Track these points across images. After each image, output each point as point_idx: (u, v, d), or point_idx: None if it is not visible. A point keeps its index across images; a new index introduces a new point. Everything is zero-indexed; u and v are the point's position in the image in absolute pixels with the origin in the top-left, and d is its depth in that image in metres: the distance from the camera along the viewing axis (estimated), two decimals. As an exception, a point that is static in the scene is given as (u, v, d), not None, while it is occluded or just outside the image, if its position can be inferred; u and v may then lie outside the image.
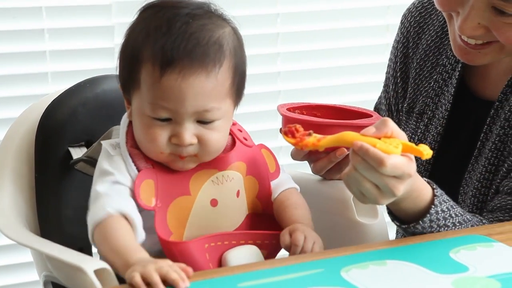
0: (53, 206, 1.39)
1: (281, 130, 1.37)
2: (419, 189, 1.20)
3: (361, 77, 2.60)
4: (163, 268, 1.02)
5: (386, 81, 1.64)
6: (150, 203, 1.16)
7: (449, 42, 1.41)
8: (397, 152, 1.10)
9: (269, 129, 2.35)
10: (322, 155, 1.35)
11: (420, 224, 1.22)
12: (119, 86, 1.22)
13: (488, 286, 1.05)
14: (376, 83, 1.93)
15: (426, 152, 1.12)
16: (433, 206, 1.22)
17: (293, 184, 1.30)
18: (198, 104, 1.14)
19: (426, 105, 1.52)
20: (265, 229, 1.24)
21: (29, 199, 1.39)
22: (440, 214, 1.22)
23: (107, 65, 2.23)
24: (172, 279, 1.01)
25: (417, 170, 1.16)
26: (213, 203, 1.20)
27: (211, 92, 1.14)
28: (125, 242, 1.09)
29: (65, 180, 1.40)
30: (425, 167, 1.48)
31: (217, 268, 1.18)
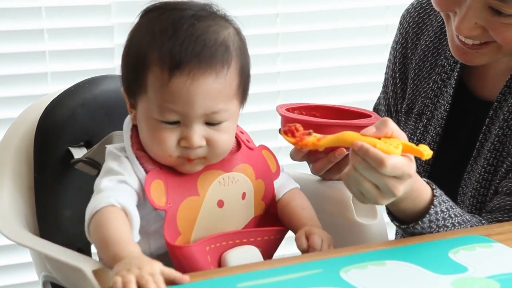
0: (52, 206, 1.39)
1: (280, 130, 1.37)
2: (419, 189, 1.20)
3: (360, 77, 2.60)
4: (143, 278, 0.99)
5: (385, 82, 1.63)
6: (161, 203, 1.15)
7: (447, 42, 1.41)
8: (397, 152, 1.10)
9: (269, 130, 2.35)
10: (321, 155, 1.35)
11: (419, 224, 1.22)
12: (122, 90, 1.20)
13: (487, 286, 1.05)
14: (375, 83, 1.93)
15: (426, 153, 1.11)
16: (432, 206, 1.22)
17: (295, 183, 1.31)
18: (207, 106, 1.13)
19: (425, 106, 1.51)
20: (267, 227, 1.24)
21: (28, 199, 1.39)
22: (439, 215, 1.22)
23: (106, 66, 2.22)
24: None
25: (416, 171, 1.16)
26: (220, 204, 1.20)
27: (220, 93, 1.14)
28: (119, 233, 1.07)
29: (64, 180, 1.40)
30: (424, 167, 1.48)
31: (217, 268, 1.18)
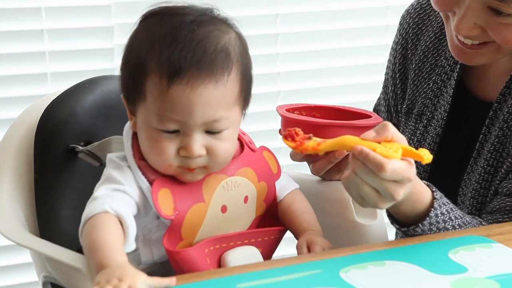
0: (52, 206, 1.39)
1: (280, 131, 1.37)
2: (419, 192, 1.20)
3: (360, 77, 2.60)
4: None
5: (385, 82, 1.63)
6: (169, 212, 1.14)
7: (447, 43, 1.41)
8: (397, 156, 1.09)
9: (269, 130, 2.35)
10: (321, 156, 1.35)
11: (419, 227, 1.21)
12: (122, 97, 1.19)
13: (487, 286, 1.05)
14: (375, 83, 1.93)
15: (426, 157, 1.11)
16: (432, 209, 1.21)
17: (295, 184, 1.30)
18: (207, 115, 1.11)
19: (425, 107, 1.51)
20: (266, 227, 1.24)
21: (28, 200, 1.39)
22: (439, 217, 1.22)
23: (106, 66, 2.22)
24: None
25: (417, 172, 1.16)
26: (223, 209, 1.19)
27: (220, 101, 1.12)
28: (107, 240, 1.05)
29: (65, 180, 1.39)
30: (424, 168, 1.48)
31: (216, 268, 1.18)
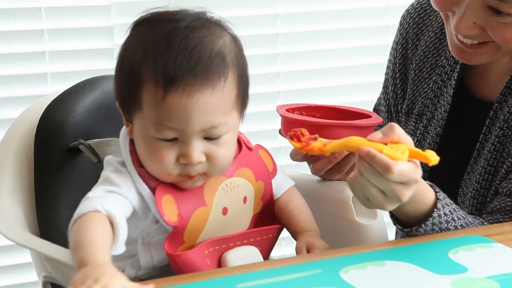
0: (52, 206, 1.39)
1: (280, 131, 1.37)
2: (422, 193, 1.20)
3: (360, 77, 2.60)
4: None
5: (385, 82, 1.63)
6: (174, 219, 1.13)
7: (447, 43, 1.41)
8: (403, 158, 1.09)
9: (269, 130, 2.35)
10: (321, 156, 1.35)
11: (422, 227, 1.21)
12: (117, 105, 1.17)
13: (487, 286, 1.05)
14: (375, 83, 1.93)
15: (433, 159, 1.10)
16: (435, 209, 1.21)
17: (290, 181, 1.30)
18: (205, 121, 1.10)
19: (425, 106, 1.51)
20: (263, 225, 1.24)
21: (28, 200, 1.39)
22: (442, 218, 1.22)
23: (106, 66, 2.23)
24: None
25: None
26: (224, 211, 1.18)
27: (218, 107, 1.10)
28: (91, 237, 1.03)
29: (64, 180, 1.40)
30: (424, 167, 1.48)
31: (216, 268, 1.18)
